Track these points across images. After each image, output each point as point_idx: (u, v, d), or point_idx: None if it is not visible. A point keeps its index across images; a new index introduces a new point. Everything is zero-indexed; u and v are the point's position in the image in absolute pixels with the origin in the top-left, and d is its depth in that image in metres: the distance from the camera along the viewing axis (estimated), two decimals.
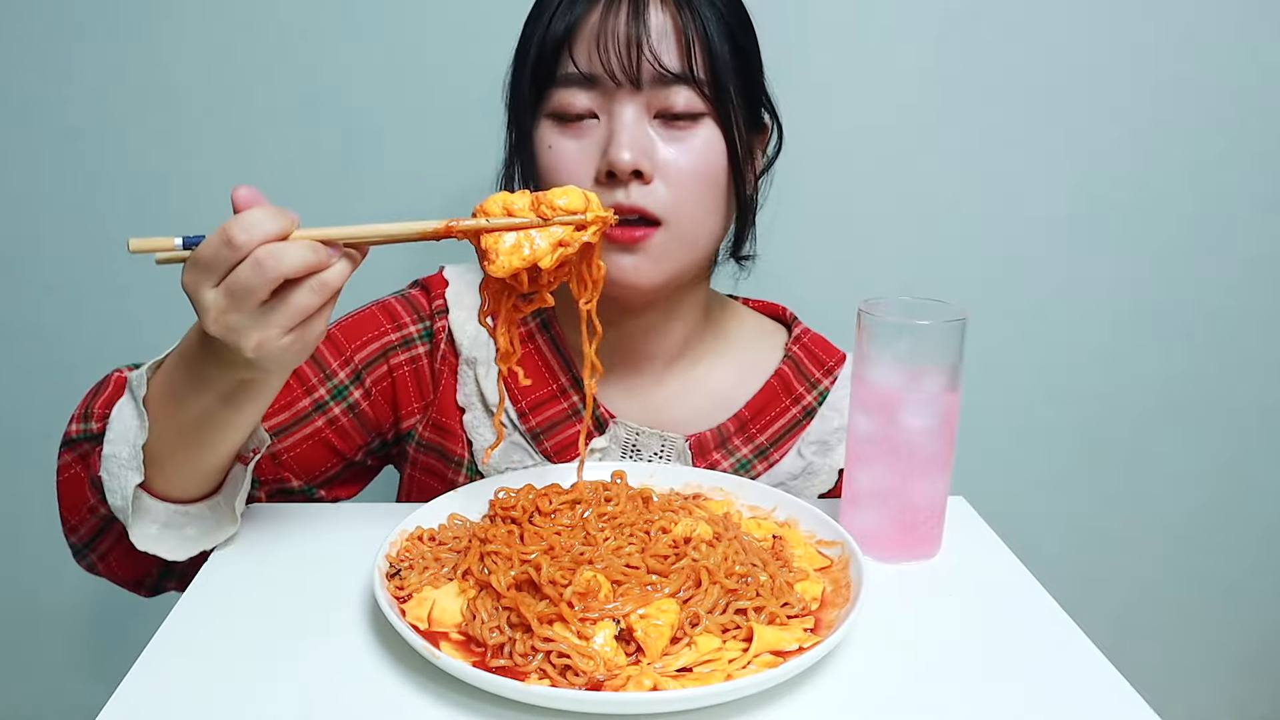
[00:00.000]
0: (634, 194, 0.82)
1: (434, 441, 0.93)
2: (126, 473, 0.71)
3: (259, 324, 0.62)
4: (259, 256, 0.60)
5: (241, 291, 0.60)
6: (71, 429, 0.79)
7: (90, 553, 0.81)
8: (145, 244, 0.60)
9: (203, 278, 0.61)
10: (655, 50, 0.81)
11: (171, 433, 0.71)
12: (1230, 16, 1.23)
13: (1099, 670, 0.63)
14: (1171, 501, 1.42)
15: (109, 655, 1.44)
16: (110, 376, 0.83)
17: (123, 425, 0.71)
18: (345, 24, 1.21)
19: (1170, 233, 1.31)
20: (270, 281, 0.60)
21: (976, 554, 0.78)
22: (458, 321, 0.93)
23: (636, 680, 0.57)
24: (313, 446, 0.90)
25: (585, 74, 0.82)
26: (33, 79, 1.22)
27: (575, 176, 0.84)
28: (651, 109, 0.83)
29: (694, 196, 0.84)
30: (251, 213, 0.61)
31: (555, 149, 0.84)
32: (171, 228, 1.28)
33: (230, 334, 0.62)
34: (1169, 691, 1.50)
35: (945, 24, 1.23)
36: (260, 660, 0.62)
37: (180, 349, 0.71)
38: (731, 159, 0.85)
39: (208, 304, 0.61)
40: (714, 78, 0.83)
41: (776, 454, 0.94)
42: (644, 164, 0.82)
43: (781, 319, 1.02)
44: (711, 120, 0.84)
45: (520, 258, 0.67)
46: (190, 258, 0.62)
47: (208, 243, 0.61)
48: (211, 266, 0.61)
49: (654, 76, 0.82)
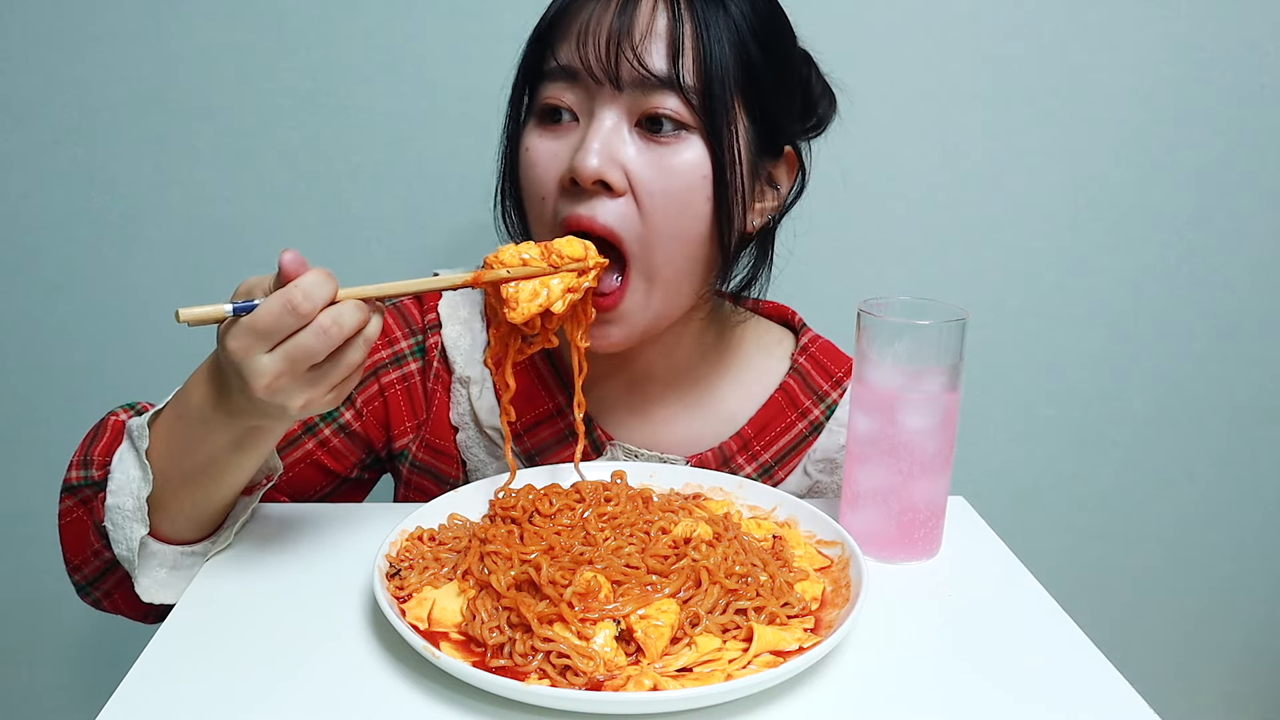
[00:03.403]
0: (596, 208, 0.75)
1: (427, 463, 0.91)
2: (131, 524, 0.71)
3: (311, 386, 0.62)
4: (323, 324, 0.60)
5: (303, 357, 0.61)
6: (71, 475, 0.78)
7: (94, 590, 0.80)
8: (195, 314, 0.59)
9: (256, 344, 0.60)
10: (639, 48, 0.74)
11: (176, 481, 0.71)
12: (1231, 16, 1.23)
13: (1099, 670, 0.63)
14: (1171, 501, 1.42)
15: (109, 655, 1.44)
16: (107, 421, 0.81)
17: (124, 476, 0.71)
18: (347, 22, 1.21)
19: (1171, 233, 1.31)
20: (332, 346, 0.61)
21: (976, 554, 0.78)
22: (451, 338, 0.91)
23: (636, 680, 0.57)
24: (305, 469, 0.89)
25: (565, 68, 0.76)
26: (35, 79, 1.22)
27: (543, 182, 0.78)
28: (633, 115, 0.76)
29: (667, 222, 0.76)
30: (310, 279, 0.61)
31: (531, 151, 0.79)
32: (172, 227, 1.29)
33: (279, 396, 0.62)
34: (1169, 691, 1.50)
35: (947, 24, 1.23)
36: (260, 660, 0.62)
37: (184, 401, 0.70)
38: (717, 183, 0.76)
39: (261, 369, 0.60)
40: (706, 86, 0.75)
41: (781, 472, 0.91)
42: (611, 175, 0.74)
43: (789, 323, 0.97)
44: (698, 135, 0.76)
45: (537, 304, 0.72)
46: (243, 324, 0.60)
47: (267, 310, 0.60)
48: (270, 334, 0.60)
49: (635, 78, 0.74)
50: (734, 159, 0.76)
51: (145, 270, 1.28)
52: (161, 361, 1.29)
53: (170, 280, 1.28)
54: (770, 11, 0.80)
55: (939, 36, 1.23)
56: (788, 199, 0.87)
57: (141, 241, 1.27)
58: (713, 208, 0.77)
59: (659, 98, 0.74)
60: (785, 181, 0.86)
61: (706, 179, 0.76)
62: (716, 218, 0.77)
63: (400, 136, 1.24)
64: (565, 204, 0.77)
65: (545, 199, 0.79)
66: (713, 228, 0.78)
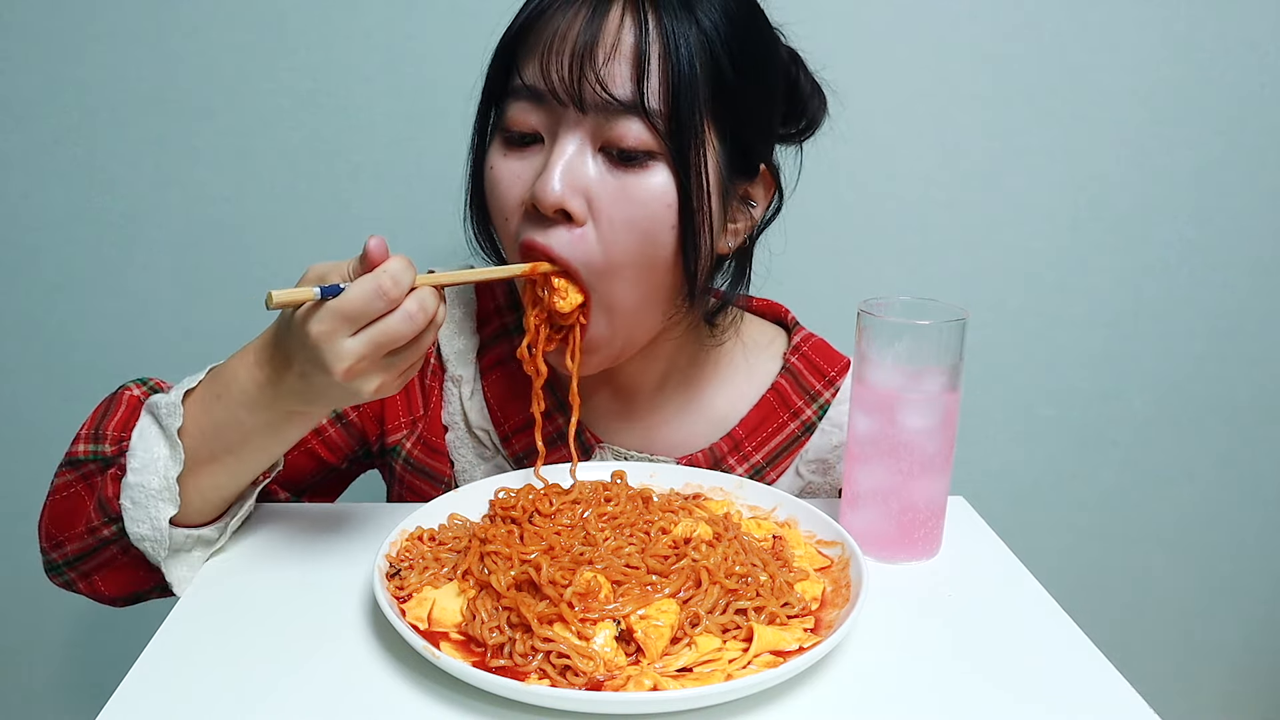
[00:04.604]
0: (554, 237, 0.73)
1: (422, 462, 0.91)
2: (158, 504, 0.70)
3: (387, 370, 0.64)
4: (410, 309, 0.62)
5: (388, 341, 0.62)
6: (79, 449, 0.76)
7: (70, 570, 0.78)
8: (285, 297, 0.61)
9: (342, 327, 0.61)
10: (601, 72, 0.70)
11: (202, 461, 0.71)
12: (1231, 16, 1.23)
13: (1099, 670, 0.63)
14: (1171, 501, 1.42)
15: (109, 655, 1.44)
16: (120, 395, 0.79)
17: (149, 454, 0.71)
18: (347, 22, 1.21)
19: (1171, 233, 1.31)
20: (417, 330, 0.63)
21: (976, 554, 0.78)
22: (445, 336, 0.91)
23: (636, 680, 0.57)
24: (299, 456, 0.89)
25: (529, 87, 0.73)
26: (35, 79, 1.22)
27: (505, 202, 0.76)
28: (597, 140, 0.72)
29: (628, 253, 0.73)
30: (396, 265, 0.62)
31: (495, 170, 0.77)
32: (172, 227, 1.29)
33: (358, 380, 0.63)
34: (1169, 691, 1.50)
35: (946, 23, 1.23)
36: (260, 660, 0.62)
37: (224, 382, 0.70)
38: (683, 211, 0.73)
39: (345, 352, 0.61)
40: (673, 110, 0.71)
41: (773, 473, 0.90)
42: (573, 204, 0.72)
43: (782, 322, 0.96)
44: (664, 162, 0.72)
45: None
46: (329, 308, 0.61)
47: (357, 294, 0.61)
48: (358, 317, 0.61)
49: (598, 102, 0.71)
50: (701, 185, 0.73)
51: (145, 270, 1.28)
52: (162, 361, 1.29)
53: (170, 280, 1.29)
54: (747, 17, 0.76)
55: (939, 36, 1.23)
56: (764, 218, 0.84)
57: (141, 241, 1.27)
58: (677, 235, 0.74)
59: (623, 123, 0.71)
60: (761, 200, 0.82)
61: (671, 208, 0.73)
62: (682, 245, 0.74)
63: (400, 136, 1.24)
64: (526, 227, 0.75)
65: (509, 219, 0.77)
66: (677, 255, 0.75)
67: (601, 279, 0.75)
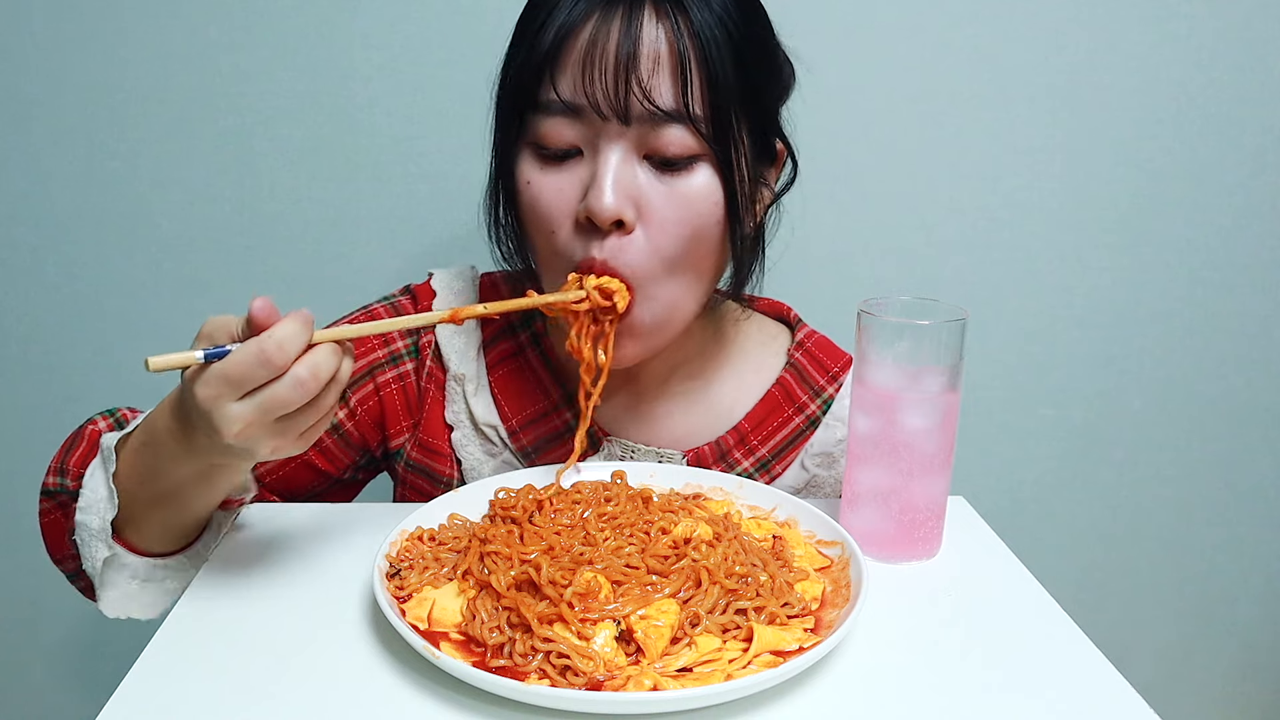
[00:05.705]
0: (608, 248, 0.74)
1: (421, 463, 0.91)
2: (96, 544, 0.71)
3: (281, 432, 0.61)
4: (300, 376, 0.59)
5: (276, 407, 0.59)
6: (49, 480, 0.79)
7: (78, 582, 0.81)
8: (164, 362, 0.58)
9: (226, 391, 0.58)
10: (646, 83, 0.71)
11: (144, 502, 0.71)
12: (1231, 16, 1.23)
13: (1099, 670, 0.63)
14: (1171, 501, 1.42)
15: (109, 655, 1.44)
16: (84, 430, 0.81)
17: (94, 494, 0.71)
18: (347, 22, 1.21)
19: (1171, 233, 1.31)
20: (308, 397, 0.59)
21: (976, 554, 0.78)
22: (445, 335, 0.90)
23: (636, 680, 0.57)
24: (295, 469, 0.88)
25: (569, 104, 0.73)
26: (35, 79, 1.22)
27: (550, 218, 0.76)
28: (641, 148, 0.74)
29: (679, 251, 0.76)
30: (284, 329, 0.58)
31: (534, 185, 0.76)
32: (172, 227, 1.28)
33: (248, 443, 0.60)
34: (1169, 691, 1.50)
35: (946, 23, 1.23)
36: (260, 660, 0.62)
37: (150, 430, 0.69)
38: (729, 207, 0.76)
39: (231, 417, 0.58)
40: (714, 113, 0.73)
41: (779, 466, 0.91)
42: (627, 213, 0.73)
43: (785, 320, 0.98)
44: (707, 162, 0.74)
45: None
46: (213, 372, 0.58)
47: (238, 360, 0.58)
48: (241, 384, 0.58)
49: (644, 114, 0.72)
50: (742, 178, 0.76)
51: (145, 270, 1.28)
52: None
53: (170, 280, 1.29)
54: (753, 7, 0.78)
55: (939, 36, 1.23)
56: (780, 191, 0.86)
57: (141, 241, 1.27)
58: (723, 229, 0.77)
59: (667, 131, 0.72)
60: (775, 174, 0.85)
61: (719, 205, 0.75)
62: (729, 235, 0.77)
63: (400, 136, 1.24)
64: (578, 242, 0.76)
65: (555, 232, 0.77)
66: (721, 244, 0.78)
67: (651, 278, 0.76)
